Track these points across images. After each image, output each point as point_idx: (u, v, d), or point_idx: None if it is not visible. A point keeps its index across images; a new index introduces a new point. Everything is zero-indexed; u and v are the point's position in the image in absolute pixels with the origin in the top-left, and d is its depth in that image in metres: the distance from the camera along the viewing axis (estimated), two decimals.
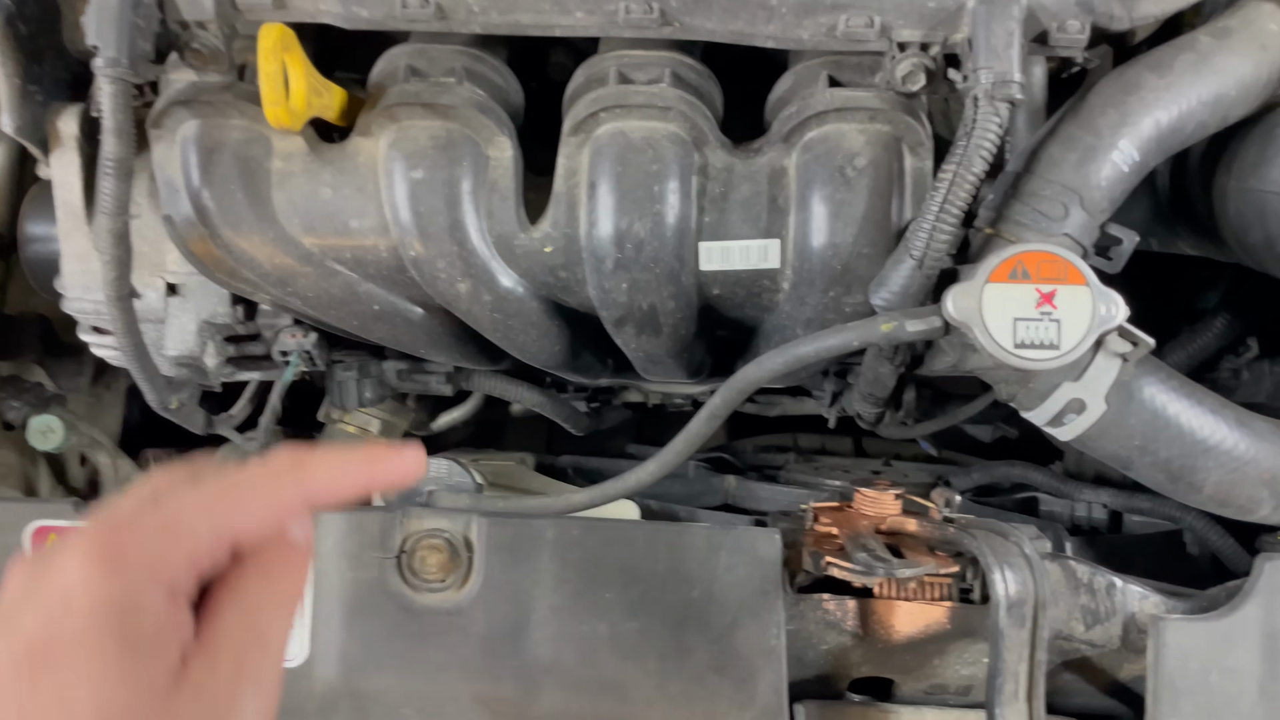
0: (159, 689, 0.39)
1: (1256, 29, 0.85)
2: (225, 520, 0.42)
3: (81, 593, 0.39)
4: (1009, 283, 0.72)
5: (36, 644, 0.39)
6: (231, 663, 0.41)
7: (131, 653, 0.39)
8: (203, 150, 0.84)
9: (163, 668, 0.40)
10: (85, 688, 0.38)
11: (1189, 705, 0.73)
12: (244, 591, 0.43)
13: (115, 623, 0.39)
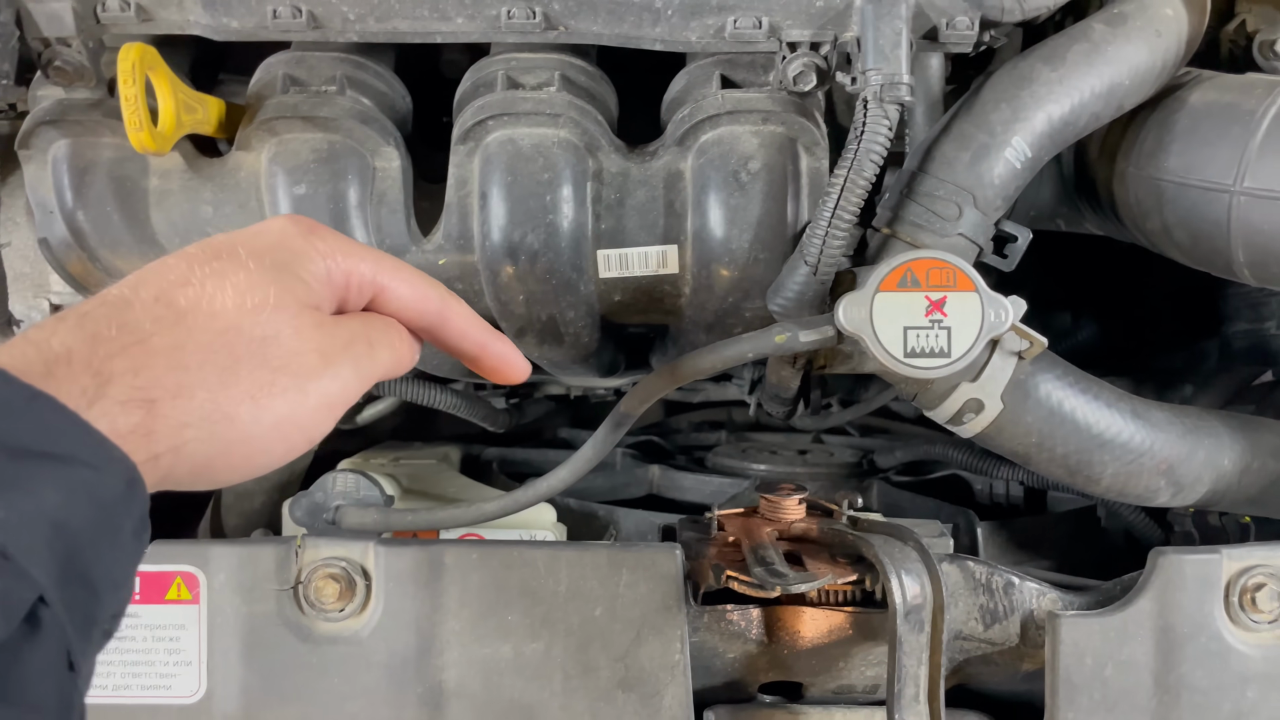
0: (296, 302, 0.49)
1: (1152, 14, 0.84)
2: (387, 275, 0.54)
3: (275, 231, 0.51)
4: (898, 291, 0.71)
5: (224, 245, 0.49)
6: (347, 335, 0.51)
7: (290, 275, 0.49)
8: (74, 170, 0.81)
9: (305, 295, 0.50)
10: (246, 274, 0.48)
11: (1086, 700, 0.74)
12: (369, 317, 0.54)
13: (288, 256, 0.50)
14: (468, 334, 0.57)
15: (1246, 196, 0.78)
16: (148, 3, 0.77)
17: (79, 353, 0.43)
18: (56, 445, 0.40)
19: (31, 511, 0.38)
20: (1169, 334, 1.25)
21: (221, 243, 0.49)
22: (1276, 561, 0.75)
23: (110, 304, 0.45)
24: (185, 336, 0.45)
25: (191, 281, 0.47)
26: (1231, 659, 0.74)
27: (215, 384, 0.46)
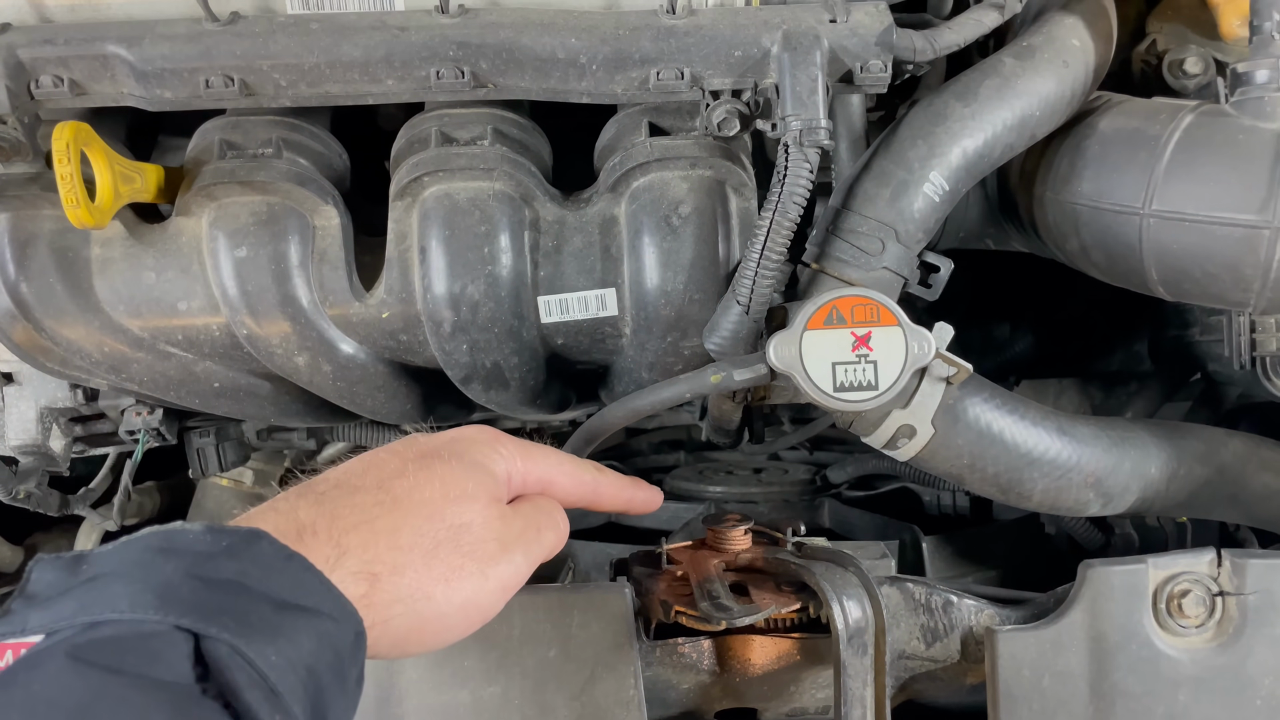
0: (487, 496, 0.60)
1: (1059, 46, 0.87)
2: (552, 471, 0.68)
3: (469, 438, 0.64)
4: (825, 329, 0.74)
5: (430, 444, 0.62)
6: (521, 524, 0.62)
7: (484, 473, 0.62)
8: (15, 244, 0.82)
9: (494, 490, 0.62)
10: (449, 470, 0.59)
11: (1026, 710, 0.77)
12: (538, 502, 0.66)
13: (481, 457, 0.63)
14: (617, 498, 0.74)
15: (1155, 219, 0.81)
16: (81, 78, 0.78)
17: (322, 525, 0.52)
18: (309, 599, 0.48)
19: (294, 657, 0.45)
20: (1102, 339, 1.29)
21: (428, 444, 0.62)
22: (1200, 568, 0.78)
23: (342, 488, 0.56)
24: (401, 520, 0.55)
25: (406, 474, 0.58)
26: (1162, 664, 0.77)
27: (421, 565, 0.55)
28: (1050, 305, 1.27)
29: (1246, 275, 0.79)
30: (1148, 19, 1.10)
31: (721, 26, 0.78)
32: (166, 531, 0.48)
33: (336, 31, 0.77)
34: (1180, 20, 1.08)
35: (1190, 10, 1.08)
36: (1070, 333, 1.29)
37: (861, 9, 0.79)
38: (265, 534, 0.49)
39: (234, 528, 0.49)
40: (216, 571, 0.46)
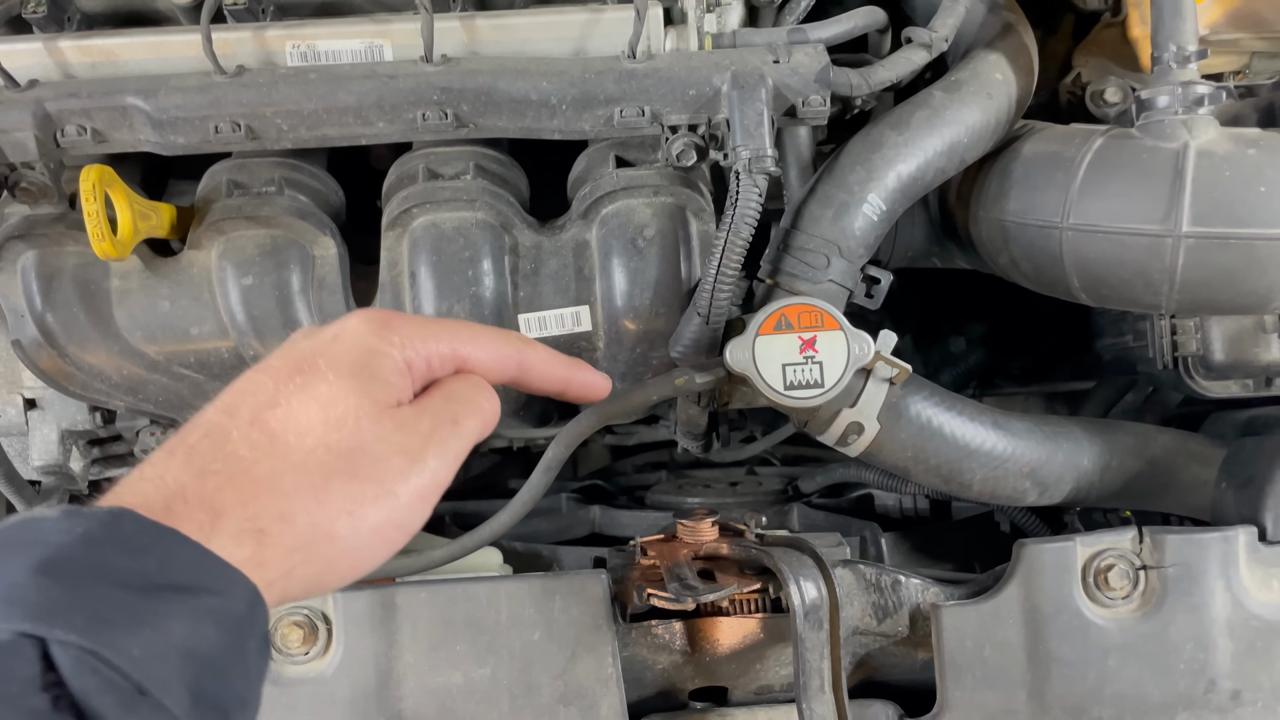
0: (375, 406, 0.52)
1: (983, 80, 0.97)
2: (463, 345, 0.58)
3: (350, 334, 0.54)
4: (775, 334, 0.82)
5: (305, 356, 0.53)
6: (430, 421, 0.54)
7: (368, 378, 0.52)
8: (42, 278, 0.90)
9: (384, 396, 0.53)
10: (327, 386, 0.51)
11: (970, 678, 0.85)
12: (451, 387, 0.57)
13: (365, 358, 0.53)
14: (549, 375, 0.63)
15: (1073, 231, 0.90)
16: (101, 126, 0.87)
17: (192, 488, 0.47)
18: (183, 577, 0.44)
19: (163, 646, 0.41)
20: (1050, 351, 1.38)
21: (302, 353, 0.53)
22: (1124, 544, 0.86)
23: (212, 435, 0.49)
24: (281, 461, 0.49)
25: (279, 401, 0.50)
26: (1092, 633, 0.85)
27: (313, 505, 0.49)
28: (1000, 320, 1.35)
29: (1155, 280, 0.88)
30: (1074, 54, 1.20)
31: (677, 69, 0.87)
32: (19, 523, 0.44)
33: (332, 80, 0.86)
34: (1104, 54, 1.18)
35: (1113, 45, 1.18)
36: (1020, 346, 1.38)
37: (802, 51, 0.88)
38: (128, 512, 0.44)
39: (93, 509, 0.45)
40: (70, 564, 0.42)
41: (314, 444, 0.50)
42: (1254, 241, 0.84)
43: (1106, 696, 0.85)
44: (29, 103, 0.85)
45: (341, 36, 0.90)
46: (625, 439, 1.42)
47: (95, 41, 0.90)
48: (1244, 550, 0.85)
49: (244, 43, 0.89)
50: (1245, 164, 0.85)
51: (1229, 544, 0.85)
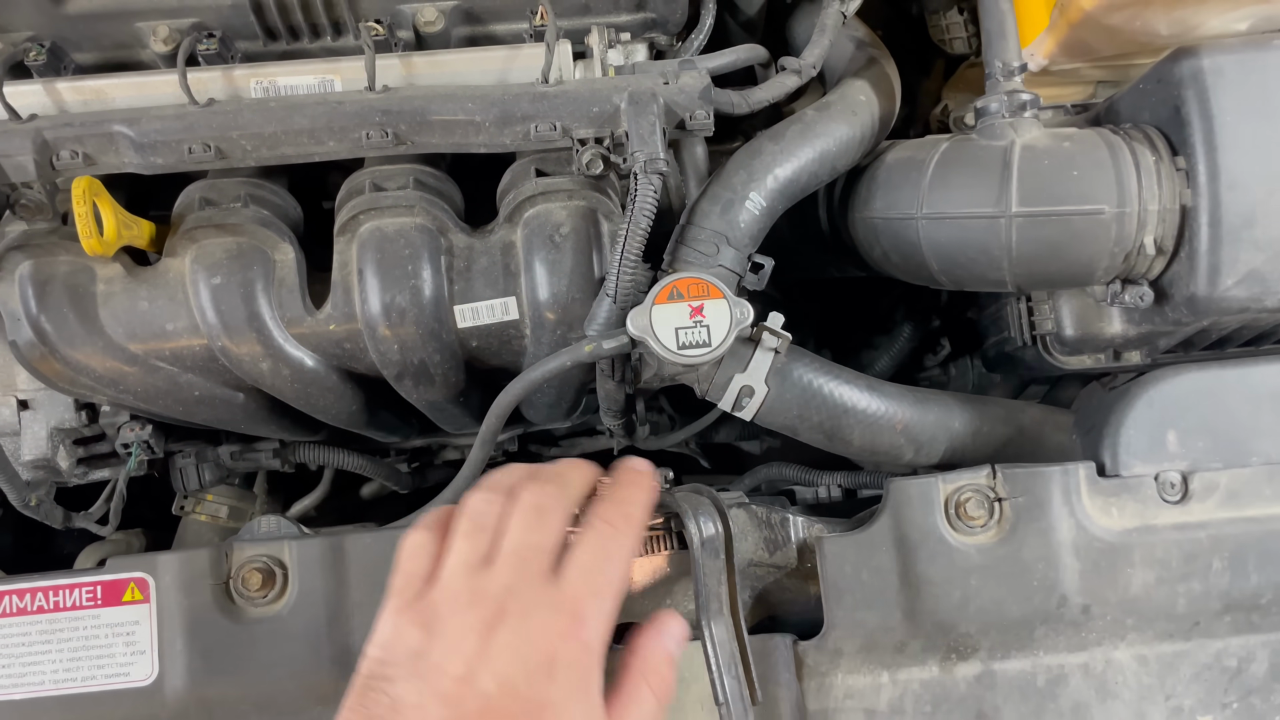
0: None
1: (849, 100, 1.14)
2: (626, 565, 0.77)
3: (564, 660, 0.70)
4: (669, 303, 0.96)
5: (533, 699, 0.67)
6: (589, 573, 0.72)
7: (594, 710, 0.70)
8: (36, 284, 1.03)
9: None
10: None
11: (850, 599, 0.96)
12: (639, 700, 0.75)
13: (585, 690, 0.70)
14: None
15: (926, 220, 1.06)
16: (92, 151, 1.01)
17: None
18: None
19: None
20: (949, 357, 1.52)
21: (540, 696, 0.67)
22: (980, 480, 0.99)
23: None
24: None
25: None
26: (955, 557, 0.97)
27: None
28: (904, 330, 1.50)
29: (996, 256, 1.03)
30: (944, 90, 1.39)
31: (583, 90, 1.03)
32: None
33: (290, 107, 1.02)
34: (968, 89, 1.36)
35: (975, 81, 1.36)
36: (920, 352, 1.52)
37: (688, 74, 1.05)
38: None
39: None
40: None
41: None
42: (1071, 217, 1.00)
43: (971, 612, 0.96)
44: (29, 132, 1.00)
45: (298, 73, 1.06)
46: (569, 450, 1.54)
47: (87, 83, 1.05)
48: (1085, 483, 0.98)
49: (214, 80, 1.05)
50: (1061, 154, 1.02)
51: (1070, 476, 0.98)
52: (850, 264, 1.29)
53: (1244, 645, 0.99)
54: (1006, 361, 1.39)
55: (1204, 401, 1.01)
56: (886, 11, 1.46)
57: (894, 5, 1.46)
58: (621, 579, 0.74)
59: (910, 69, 1.43)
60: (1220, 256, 0.98)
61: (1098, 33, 1.13)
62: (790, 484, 1.44)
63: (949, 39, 1.38)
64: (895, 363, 1.49)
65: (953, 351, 1.52)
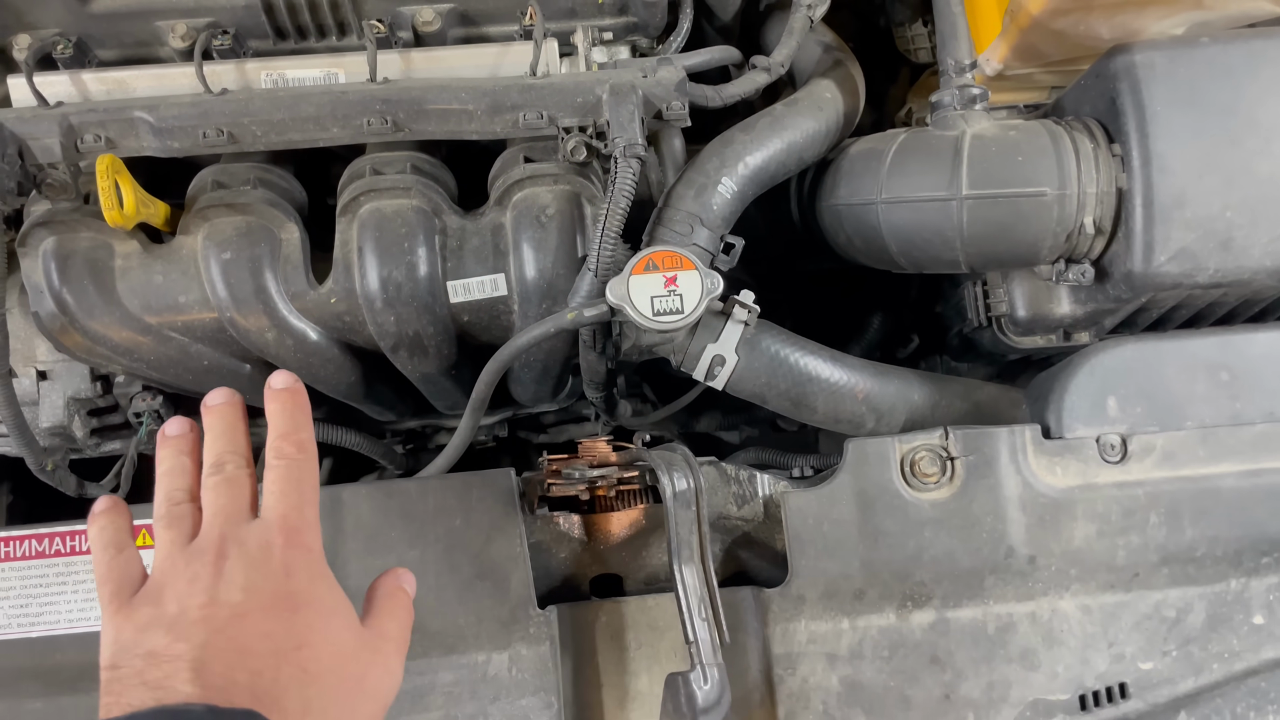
0: (359, 631, 0.74)
1: (815, 98, 1.23)
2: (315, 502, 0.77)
3: (296, 564, 0.73)
4: (645, 274, 1.04)
5: (281, 593, 0.69)
6: (394, 643, 0.77)
7: (340, 603, 0.74)
8: (59, 258, 1.11)
9: (353, 613, 0.75)
10: (329, 622, 0.71)
11: (812, 549, 1.03)
12: (388, 606, 0.80)
13: (323, 583, 0.74)
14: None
15: (885, 204, 1.15)
16: (114, 135, 1.10)
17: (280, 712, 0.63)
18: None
19: None
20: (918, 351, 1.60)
21: (285, 590, 0.70)
22: (933, 441, 1.06)
23: (266, 680, 0.64)
24: (322, 694, 0.65)
25: (304, 643, 0.67)
26: (909, 510, 1.04)
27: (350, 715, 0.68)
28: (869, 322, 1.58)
29: (949, 237, 1.12)
30: (909, 95, 1.48)
31: (568, 83, 1.12)
32: (178, 708, 0.58)
33: (297, 95, 1.10)
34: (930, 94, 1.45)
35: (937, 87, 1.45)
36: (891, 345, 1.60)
37: (665, 69, 1.14)
38: (258, 715, 0.59)
39: (232, 709, 0.59)
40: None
41: (340, 677, 0.68)
42: (1017, 198, 1.08)
43: (925, 562, 1.03)
44: (56, 117, 1.08)
45: (305, 67, 1.15)
46: (556, 437, 1.61)
47: (110, 74, 1.14)
48: (1030, 443, 1.06)
49: (227, 73, 1.14)
50: (1007, 141, 1.11)
51: (1017, 436, 1.06)
52: (819, 253, 1.37)
53: (1182, 596, 1.06)
54: (968, 347, 1.47)
55: (1142, 370, 1.08)
56: (856, 24, 1.55)
57: (863, 18, 1.55)
58: (313, 491, 0.77)
59: (878, 77, 1.53)
60: (1154, 235, 1.07)
61: (1046, 37, 1.22)
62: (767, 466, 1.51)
63: (914, 49, 1.48)
64: (865, 354, 1.56)
65: (921, 345, 1.60)
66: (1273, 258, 1.08)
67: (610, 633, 1.03)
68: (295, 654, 0.64)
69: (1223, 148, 1.06)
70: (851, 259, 1.27)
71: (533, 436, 1.59)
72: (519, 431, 1.59)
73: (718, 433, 1.66)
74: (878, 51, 1.52)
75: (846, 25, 1.52)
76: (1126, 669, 1.04)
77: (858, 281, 1.55)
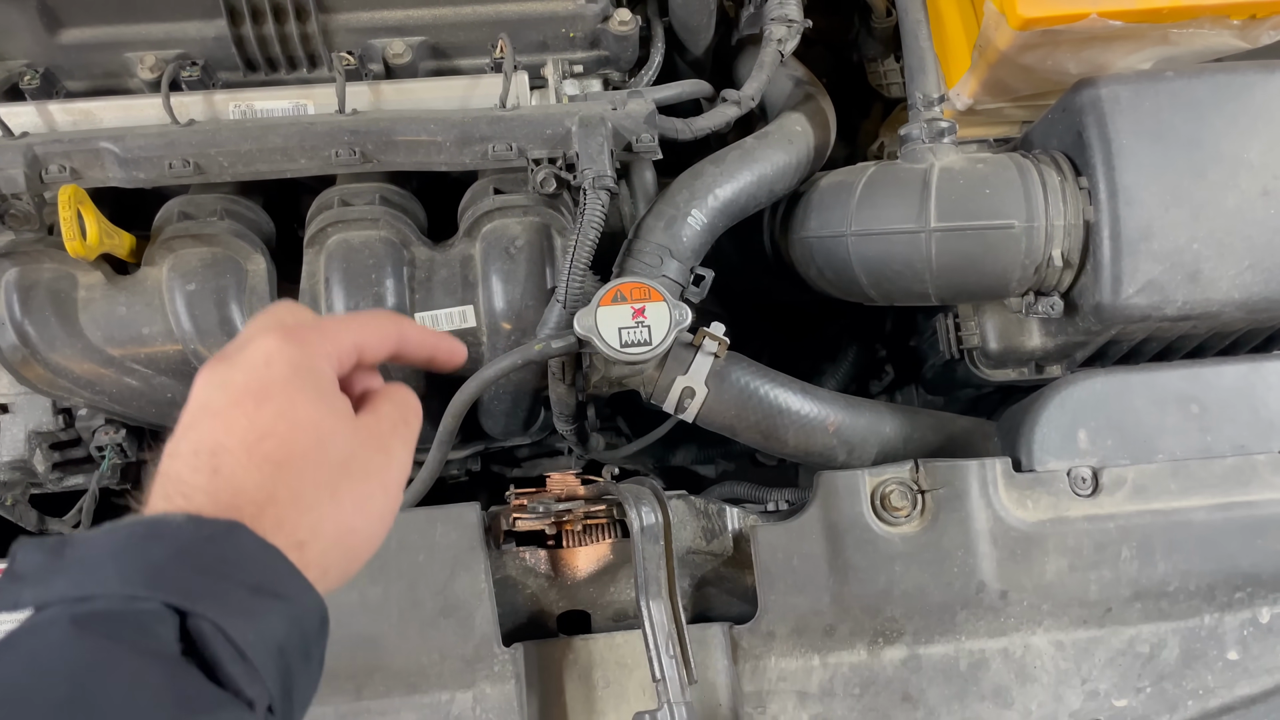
0: (345, 419, 0.60)
1: (787, 131, 1.23)
2: (357, 334, 0.64)
3: (279, 355, 0.59)
4: (613, 306, 1.04)
5: (252, 385, 0.57)
6: (388, 423, 0.63)
7: (324, 392, 0.60)
8: (21, 289, 1.10)
9: (343, 407, 0.60)
10: (302, 407, 0.57)
11: (782, 584, 1.02)
12: (389, 394, 0.66)
13: (307, 374, 0.59)
14: (422, 342, 0.71)
15: (855, 237, 1.14)
16: (79, 165, 1.09)
17: (269, 510, 0.54)
18: (280, 586, 0.52)
19: (268, 637, 0.50)
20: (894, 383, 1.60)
21: (259, 385, 0.57)
22: (904, 474, 1.05)
23: (224, 476, 0.54)
24: (296, 482, 0.55)
25: (272, 432, 0.56)
26: (880, 544, 1.03)
27: (334, 511, 0.56)
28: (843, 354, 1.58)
29: (919, 269, 1.12)
30: (881, 129, 1.49)
31: (538, 115, 1.12)
32: (152, 520, 0.52)
33: (265, 126, 1.10)
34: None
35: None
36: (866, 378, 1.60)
37: (635, 101, 1.14)
38: (241, 525, 0.52)
39: (213, 519, 0.52)
40: (200, 557, 0.50)
41: (316, 461, 0.57)
42: (985, 231, 1.09)
43: (896, 597, 1.02)
44: (20, 147, 1.07)
45: (274, 98, 1.15)
46: (530, 471, 1.59)
47: (77, 104, 1.14)
48: (1001, 476, 1.05)
49: (195, 104, 1.14)
50: (975, 174, 1.11)
51: (987, 470, 1.05)
52: (792, 285, 1.36)
53: (1155, 632, 1.05)
54: (943, 380, 1.46)
55: (1112, 403, 1.08)
56: (830, 59, 1.56)
57: (837, 54, 1.57)
58: (366, 331, 0.66)
59: (851, 111, 1.54)
60: (1121, 267, 1.07)
61: (1014, 72, 1.23)
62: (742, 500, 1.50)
63: (886, 84, 1.49)
64: (841, 386, 1.56)
65: (897, 377, 1.60)
66: (1241, 290, 1.08)
67: (577, 671, 1.01)
68: (259, 445, 0.55)
69: (1189, 180, 1.06)
70: (823, 291, 1.26)
71: (506, 471, 1.57)
72: (492, 465, 1.57)
73: (694, 466, 1.65)
74: (851, 86, 1.53)
75: (820, 60, 1.53)
76: (1101, 706, 1.03)
77: (833, 314, 1.55)
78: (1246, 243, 1.07)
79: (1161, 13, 1.13)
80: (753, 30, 1.32)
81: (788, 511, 1.08)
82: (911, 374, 1.60)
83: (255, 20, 1.15)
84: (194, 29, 1.16)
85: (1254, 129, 1.09)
